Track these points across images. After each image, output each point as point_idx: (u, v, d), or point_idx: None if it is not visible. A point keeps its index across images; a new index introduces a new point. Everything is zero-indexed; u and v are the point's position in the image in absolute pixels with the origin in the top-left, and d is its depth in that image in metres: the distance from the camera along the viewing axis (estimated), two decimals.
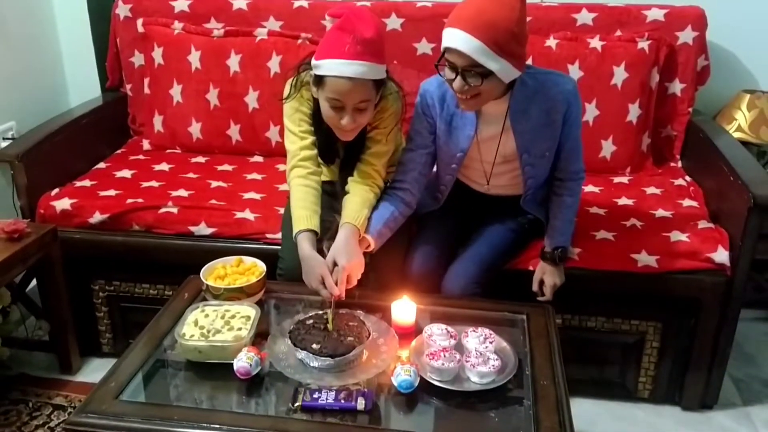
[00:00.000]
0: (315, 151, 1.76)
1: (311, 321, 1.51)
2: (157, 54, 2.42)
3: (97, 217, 2.04)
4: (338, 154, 1.83)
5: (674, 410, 2.02)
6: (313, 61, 1.61)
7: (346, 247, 1.61)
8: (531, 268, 1.87)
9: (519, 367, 1.43)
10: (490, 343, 1.45)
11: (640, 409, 2.02)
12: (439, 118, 1.73)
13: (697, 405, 2.02)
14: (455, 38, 1.49)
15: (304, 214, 1.66)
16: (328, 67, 1.57)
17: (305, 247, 1.63)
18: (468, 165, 1.81)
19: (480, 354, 1.40)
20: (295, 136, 1.74)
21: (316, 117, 1.73)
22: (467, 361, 1.39)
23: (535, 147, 1.71)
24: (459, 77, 1.53)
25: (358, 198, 1.71)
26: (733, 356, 1.98)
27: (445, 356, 1.39)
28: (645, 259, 1.86)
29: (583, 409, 1.98)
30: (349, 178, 1.76)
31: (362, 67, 1.55)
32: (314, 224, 1.66)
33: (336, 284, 1.57)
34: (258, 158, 2.43)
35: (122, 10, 2.50)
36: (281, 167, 2.24)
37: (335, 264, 1.59)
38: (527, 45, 1.56)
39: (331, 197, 1.84)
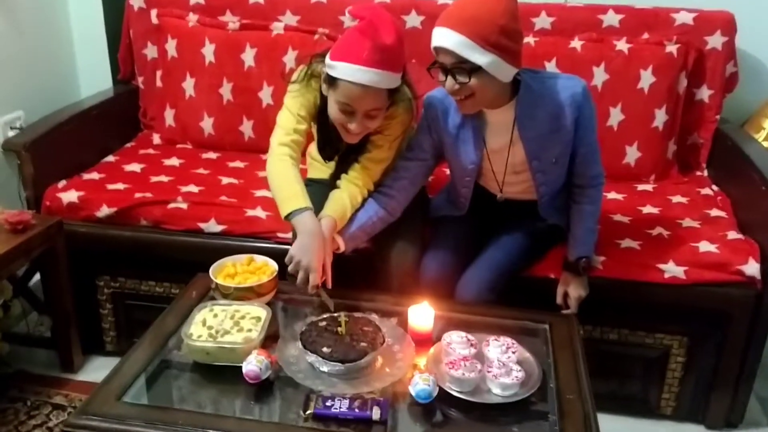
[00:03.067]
0: (303, 141, 1.70)
1: (324, 323, 1.44)
2: (171, 46, 2.37)
3: (104, 211, 1.98)
4: (337, 152, 1.77)
5: (698, 429, 1.95)
6: (328, 60, 1.55)
7: (329, 241, 1.57)
8: (552, 275, 1.80)
9: (543, 379, 1.36)
10: (513, 353, 1.38)
11: (662, 427, 1.95)
12: (444, 132, 1.67)
13: (721, 424, 1.94)
14: (440, 36, 1.46)
15: (301, 192, 1.59)
16: (343, 70, 1.51)
17: (314, 222, 1.55)
18: (480, 174, 1.75)
19: (502, 364, 1.33)
20: (291, 115, 1.67)
21: (321, 112, 1.67)
22: (489, 372, 1.32)
23: (545, 153, 1.64)
24: (449, 77, 1.48)
25: (345, 195, 1.65)
26: (760, 375, 1.90)
27: (465, 366, 1.32)
28: (672, 269, 1.78)
29: (601, 425, 1.87)
30: (342, 175, 1.71)
31: (378, 75, 1.50)
32: (311, 204, 1.58)
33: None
34: None
35: (136, 1, 2.45)
36: None
37: None
38: (522, 41, 1.52)
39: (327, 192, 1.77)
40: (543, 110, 1.58)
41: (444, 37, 1.45)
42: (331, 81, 1.55)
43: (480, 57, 1.43)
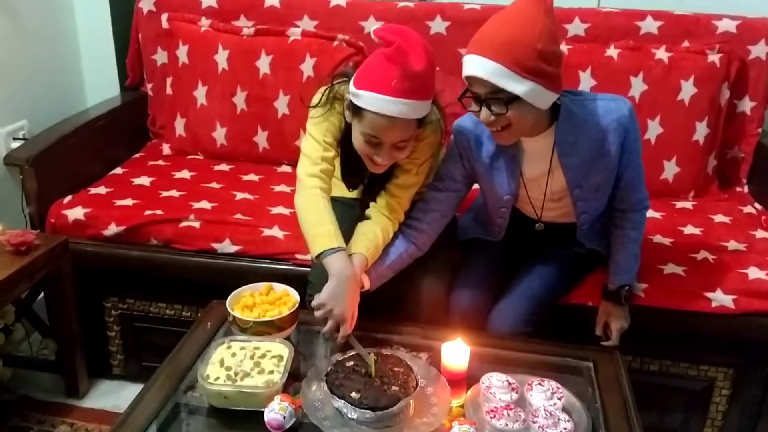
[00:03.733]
0: (333, 168, 1.58)
1: (351, 363, 1.33)
2: (182, 52, 2.26)
3: (112, 229, 1.88)
4: (362, 180, 1.67)
5: None
6: (352, 88, 1.42)
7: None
8: (590, 303, 1.69)
9: (592, 429, 1.24)
10: (558, 399, 1.27)
11: None
12: (477, 162, 1.56)
13: None
14: (472, 64, 1.34)
15: (334, 230, 1.46)
16: (369, 100, 1.39)
17: (347, 266, 1.43)
18: (516, 200, 1.63)
19: (549, 414, 1.22)
20: (318, 144, 1.55)
21: (345, 139, 1.55)
22: (534, 422, 1.21)
23: (588, 181, 1.53)
24: (484, 107, 1.36)
25: (378, 230, 1.53)
26: None
27: (508, 415, 1.21)
28: (721, 298, 1.67)
29: None
30: (372, 204, 1.59)
31: (408, 106, 1.38)
32: (343, 243, 1.47)
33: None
34: (286, 168, 2.24)
35: (146, 4, 2.34)
36: None
37: None
38: (561, 64, 1.38)
39: (353, 214, 1.66)
40: (585, 136, 1.45)
41: (477, 66, 1.32)
42: (356, 110, 1.43)
43: (517, 86, 1.31)
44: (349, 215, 1.63)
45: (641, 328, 1.66)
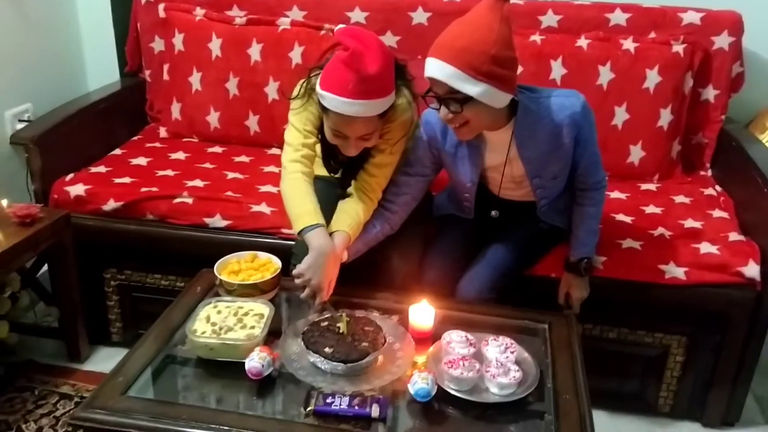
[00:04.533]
0: (314, 154, 1.71)
1: (325, 323, 1.46)
2: (178, 40, 2.38)
3: (111, 205, 2.01)
4: (341, 164, 1.79)
5: (695, 427, 1.97)
6: (318, 88, 1.55)
7: (338, 257, 1.59)
8: (553, 275, 1.82)
9: (540, 379, 1.38)
10: (511, 353, 1.40)
11: (659, 425, 1.97)
12: (442, 150, 1.69)
13: (718, 422, 1.96)
14: (431, 67, 1.46)
15: (314, 209, 1.60)
16: (330, 101, 1.52)
17: (326, 241, 1.56)
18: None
19: (500, 364, 1.35)
20: (299, 132, 1.68)
21: (323, 126, 1.68)
22: (487, 371, 1.34)
23: (546, 171, 1.66)
24: (442, 106, 1.49)
25: (360, 209, 1.66)
26: (757, 374, 1.92)
27: (464, 365, 1.34)
28: (673, 270, 1.79)
29: (600, 422, 1.88)
30: (353, 183, 1.72)
31: (365, 105, 1.51)
32: (323, 219, 1.61)
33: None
34: (276, 150, 2.36)
35: None
36: None
37: None
38: (516, 67, 1.50)
39: (334, 193, 1.78)
40: (542, 130, 1.58)
41: (435, 69, 1.44)
42: (323, 108, 1.57)
43: (471, 87, 1.43)
44: (332, 192, 1.75)
45: (600, 298, 1.79)
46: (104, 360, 2.14)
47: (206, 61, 2.35)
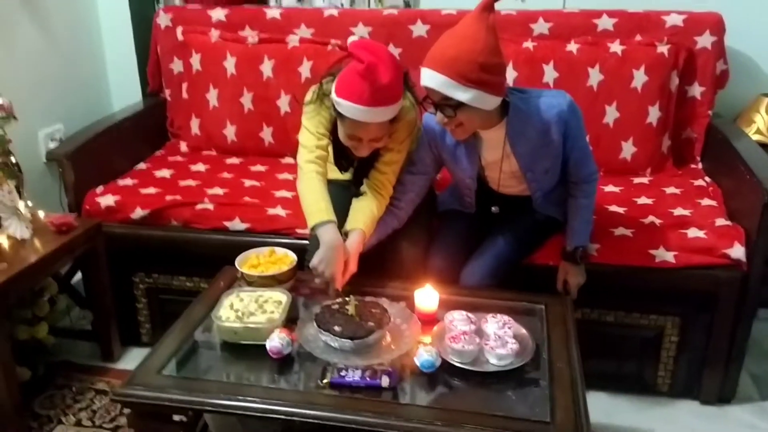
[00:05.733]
0: (326, 154, 1.86)
1: (336, 306, 1.60)
2: (195, 60, 2.55)
3: (138, 213, 2.16)
4: (352, 163, 1.93)
5: (692, 404, 2.06)
6: (334, 96, 1.70)
7: (356, 253, 1.73)
8: (551, 263, 1.93)
9: (536, 351, 1.50)
10: (509, 328, 1.53)
11: (658, 403, 2.07)
12: (443, 149, 1.83)
13: (715, 399, 2.05)
14: (426, 77, 1.60)
15: (326, 206, 1.75)
16: (346, 108, 1.67)
17: (335, 236, 1.71)
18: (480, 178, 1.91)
19: (498, 338, 1.48)
20: (312, 135, 1.83)
21: (334, 129, 1.82)
22: (486, 344, 1.47)
23: (537, 165, 1.79)
24: (438, 111, 1.63)
25: (374, 206, 1.80)
26: (751, 353, 2.02)
27: (465, 339, 1.47)
28: (662, 254, 1.91)
29: (601, 402, 2.04)
30: (365, 181, 1.86)
31: (378, 112, 1.66)
32: (334, 217, 1.75)
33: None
34: (289, 159, 2.53)
35: (163, 20, 2.65)
36: None
37: None
38: (504, 72, 1.63)
39: (348, 194, 1.92)
40: (532, 128, 1.71)
41: (429, 78, 1.59)
42: (338, 113, 1.72)
43: (462, 94, 1.57)
44: (344, 195, 1.89)
45: (596, 284, 1.91)
46: (135, 359, 2.24)
47: (222, 78, 2.52)
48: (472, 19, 1.58)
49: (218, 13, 2.60)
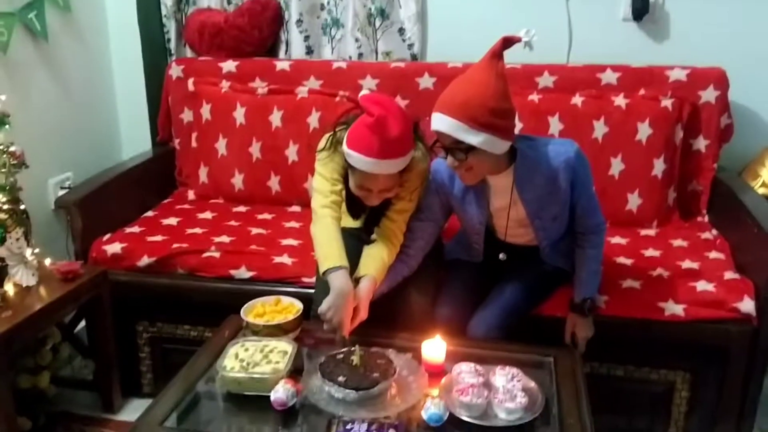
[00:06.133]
0: (341, 200, 1.86)
1: (341, 356, 1.58)
2: (206, 110, 2.59)
3: (144, 261, 2.16)
4: (364, 210, 1.94)
5: None
6: (345, 149, 1.73)
7: (366, 299, 1.72)
8: (558, 314, 1.91)
9: (546, 405, 1.48)
10: (518, 381, 1.50)
11: None
12: (451, 195, 1.84)
13: None
14: (437, 121, 1.62)
15: (339, 253, 1.74)
16: (356, 160, 1.69)
17: (346, 282, 1.69)
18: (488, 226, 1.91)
19: (507, 391, 1.45)
20: (326, 180, 1.84)
21: (347, 176, 1.83)
22: (495, 398, 1.44)
23: (545, 212, 1.80)
24: (449, 155, 1.65)
25: (385, 254, 1.79)
26: (764, 409, 1.97)
27: (473, 392, 1.45)
28: (672, 307, 1.89)
29: None
30: (376, 229, 1.86)
31: (388, 164, 1.69)
32: (347, 262, 1.74)
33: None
34: (296, 208, 2.54)
35: (175, 71, 2.70)
36: None
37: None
38: (513, 117, 1.64)
39: (359, 242, 1.92)
40: (540, 175, 1.72)
41: (440, 122, 1.61)
42: (349, 165, 1.74)
43: (473, 138, 1.59)
44: (354, 244, 1.88)
45: (605, 336, 1.88)
46: (136, 411, 2.21)
47: (231, 128, 2.56)
48: (481, 66, 1.61)
49: (229, 65, 2.65)
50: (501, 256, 1.92)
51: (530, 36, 1.60)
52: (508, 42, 1.60)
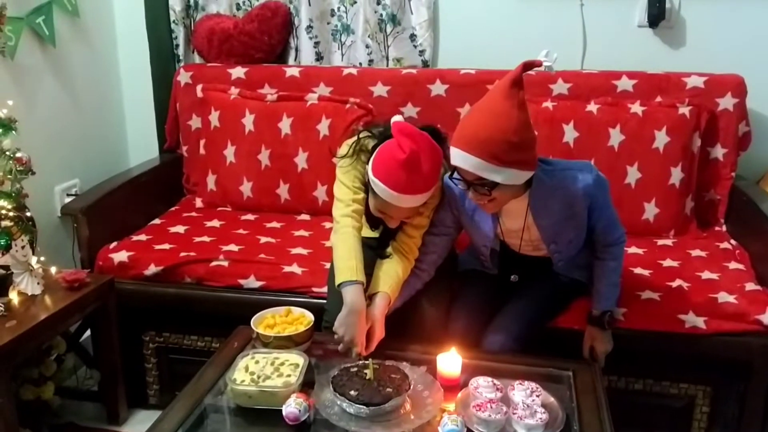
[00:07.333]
0: (362, 208, 1.81)
1: (354, 369, 1.54)
2: (214, 117, 2.56)
3: (151, 269, 2.12)
4: (382, 221, 1.89)
5: None
6: (370, 173, 1.68)
7: (381, 318, 1.68)
8: (575, 327, 1.87)
9: (566, 422, 1.42)
10: (537, 396, 1.46)
11: None
12: (462, 212, 1.80)
13: None
14: (458, 157, 1.57)
15: (356, 266, 1.69)
16: (382, 190, 1.65)
17: (359, 298, 1.65)
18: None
19: (527, 407, 1.41)
20: (348, 189, 1.79)
21: (368, 184, 1.79)
22: (514, 413, 1.40)
23: (561, 237, 1.76)
24: (471, 190, 1.61)
25: (400, 269, 1.76)
26: None
27: (491, 408, 1.40)
28: (692, 320, 1.84)
29: None
30: (392, 243, 1.82)
31: (414, 199, 1.66)
32: (363, 277, 1.70)
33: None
34: (305, 216, 2.50)
35: (183, 78, 2.67)
36: (328, 225, 2.29)
37: None
38: (535, 146, 1.58)
39: (375, 254, 1.88)
40: (556, 201, 1.68)
41: (462, 160, 1.55)
42: (372, 189, 1.70)
43: (497, 175, 1.54)
44: (368, 255, 1.83)
45: (624, 350, 1.83)
46: (141, 423, 2.19)
47: (240, 135, 2.52)
48: (501, 95, 1.53)
49: (238, 71, 2.62)
50: (513, 277, 1.89)
51: (552, 59, 1.54)
52: (528, 67, 1.54)
